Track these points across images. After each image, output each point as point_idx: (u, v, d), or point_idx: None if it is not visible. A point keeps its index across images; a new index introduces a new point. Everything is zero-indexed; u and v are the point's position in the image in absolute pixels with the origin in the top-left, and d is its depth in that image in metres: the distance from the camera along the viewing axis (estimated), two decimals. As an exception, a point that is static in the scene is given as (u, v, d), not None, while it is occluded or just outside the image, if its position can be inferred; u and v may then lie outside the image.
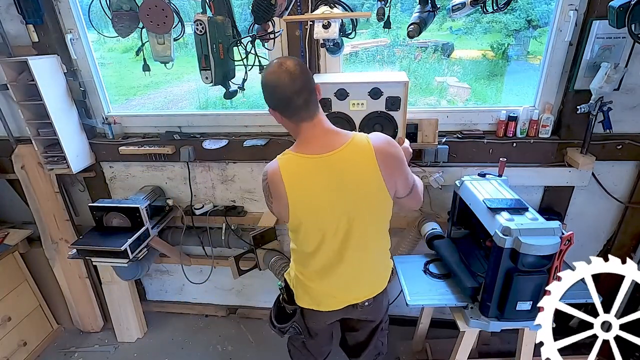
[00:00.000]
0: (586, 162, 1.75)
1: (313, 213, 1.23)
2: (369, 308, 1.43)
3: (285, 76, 1.12)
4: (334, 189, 1.19)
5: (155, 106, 2.52)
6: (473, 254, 1.71)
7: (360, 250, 1.30)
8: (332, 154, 1.18)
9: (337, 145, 1.19)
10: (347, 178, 1.19)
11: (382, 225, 1.35)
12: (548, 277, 1.35)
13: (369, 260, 1.36)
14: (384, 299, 1.51)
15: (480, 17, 2.00)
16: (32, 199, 2.28)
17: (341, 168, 1.18)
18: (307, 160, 1.19)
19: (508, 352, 2.11)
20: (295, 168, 1.21)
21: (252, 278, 2.35)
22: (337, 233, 1.25)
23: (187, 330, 2.61)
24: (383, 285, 1.44)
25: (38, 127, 2.00)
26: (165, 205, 2.26)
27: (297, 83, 1.13)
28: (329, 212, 1.22)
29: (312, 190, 1.21)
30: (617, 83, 1.60)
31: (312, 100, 1.18)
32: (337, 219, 1.23)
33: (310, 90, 1.17)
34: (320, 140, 1.20)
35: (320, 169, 1.19)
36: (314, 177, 1.20)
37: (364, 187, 1.20)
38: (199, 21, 1.43)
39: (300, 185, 1.21)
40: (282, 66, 1.13)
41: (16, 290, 2.36)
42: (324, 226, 1.25)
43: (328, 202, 1.21)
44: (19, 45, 1.98)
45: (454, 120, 1.95)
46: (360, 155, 1.19)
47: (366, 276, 1.38)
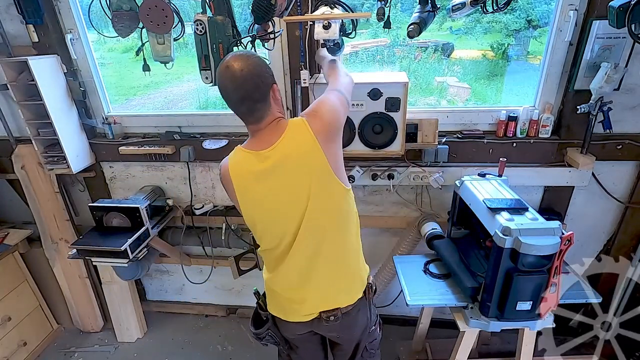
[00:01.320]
0: (586, 162, 1.75)
1: (264, 211, 1.20)
2: (337, 325, 1.29)
3: (228, 83, 1.09)
4: (281, 185, 1.15)
5: (155, 106, 2.52)
6: (473, 254, 1.71)
7: (322, 250, 1.21)
8: (274, 146, 1.13)
9: (278, 136, 1.14)
10: (291, 168, 1.13)
11: (343, 221, 1.23)
12: (548, 277, 1.35)
13: (333, 264, 1.25)
14: (360, 315, 1.34)
15: (480, 17, 2.00)
16: (32, 199, 2.28)
17: (284, 157, 1.13)
18: (254, 156, 1.16)
19: (508, 352, 2.11)
20: (243, 167, 1.18)
21: (252, 278, 2.34)
22: (293, 228, 1.18)
23: (187, 330, 2.61)
24: (351, 299, 1.29)
25: (38, 127, 2.00)
26: (165, 205, 2.26)
27: (239, 91, 1.09)
28: (279, 208, 1.18)
29: (260, 189, 1.17)
30: (617, 83, 1.60)
31: (256, 107, 1.12)
32: (287, 213, 1.17)
33: (254, 99, 1.10)
34: (266, 137, 1.16)
35: (266, 165, 1.14)
36: (261, 175, 1.16)
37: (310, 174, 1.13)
38: (199, 21, 1.43)
39: (248, 185, 1.18)
40: (228, 70, 1.08)
41: (16, 290, 2.36)
42: (278, 222, 1.20)
43: (277, 199, 1.17)
44: (19, 45, 1.98)
45: (454, 120, 1.95)
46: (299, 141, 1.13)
47: (331, 282, 1.26)
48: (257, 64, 1.11)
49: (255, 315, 1.46)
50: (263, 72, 1.12)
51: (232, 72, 1.07)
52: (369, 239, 2.24)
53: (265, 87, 1.12)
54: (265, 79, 1.12)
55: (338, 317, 1.28)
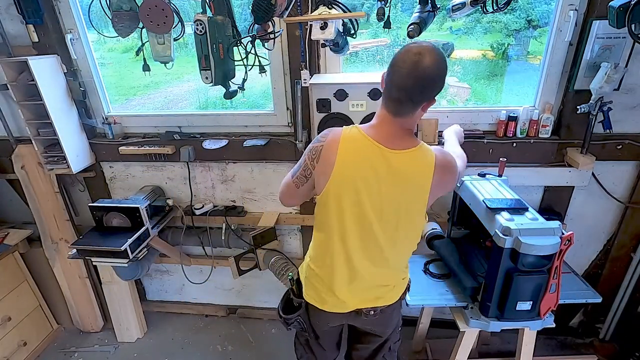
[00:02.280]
0: (586, 162, 1.75)
1: (347, 193, 1.18)
2: (375, 319, 1.37)
3: (407, 66, 1.05)
4: (379, 183, 1.16)
5: (155, 106, 2.52)
6: (473, 254, 1.71)
7: (380, 256, 1.26)
8: (394, 152, 1.15)
9: (402, 146, 1.16)
10: (397, 180, 1.17)
11: (410, 239, 1.31)
12: (548, 277, 1.35)
13: (386, 269, 1.31)
14: (395, 314, 1.42)
15: (480, 17, 2.00)
16: (32, 199, 2.28)
17: (396, 168, 1.16)
18: (370, 144, 1.15)
19: (508, 352, 2.11)
20: (354, 146, 1.16)
21: (252, 278, 2.35)
22: (362, 226, 1.22)
23: (187, 330, 2.61)
24: (394, 298, 1.37)
25: (38, 127, 2.00)
26: (165, 205, 2.26)
27: (408, 81, 1.06)
28: (364, 200, 1.18)
29: (359, 174, 1.16)
30: (617, 83, 1.60)
31: (415, 101, 1.10)
32: (367, 211, 1.19)
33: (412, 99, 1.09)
34: (392, 134, 1.16)
35: (377, 159, 1.15)
36: (368, 163, 1.16)
37: (408, 197, 1.19)
38: (199, 21, 1.43)
39: (351, 165, 1.16)
40: (417, 57, 1.04)
41: (16, 290, 2.36)
42: (351, 211, 1.20)
43: (367, 191, 1.17)
44: (19, 45, 1.98)
45: (454, 120, 1.95)
46: (419, 166, 1.17)
47: (378, 283, 1.33)
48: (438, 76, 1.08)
49: (286, 301, 1.49)
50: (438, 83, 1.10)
51: (420, 60, 1.03)
52: (369, 239, 2.24)
53: (428, 95, 1.11)
54: (436, 88, 1.10)
55: (377, 313, 1.35)
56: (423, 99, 1.11)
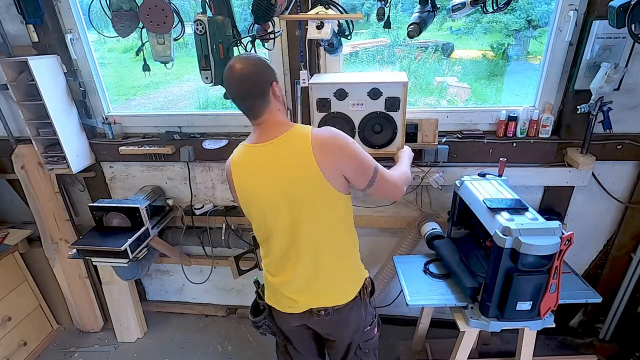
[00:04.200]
0: (586, 162, 1.75)
1: (255, 202, 1.27)
2: (328, 320, 1.33)
3: (231, 81, 1.19)
4: (271, 179, 1.21)
5: (155, 106, 2.52)
6: (473, 254, 1.71)
7: (311, 249, 1.25)
8: (268, 142, 1.20)
9: (276, 134, 1.20)
10: (281, 167, 1.20)
11: (334, 223, 1.26)
12: (548, 277, 1.35)
13: (323, 263, 1.27)
14: (353, 314, 1.35)
15: (480, 17, 2.00)
16: (32, 199, 2.28)
17: (276, 155, 1.20)
18: (250, 149, 1.25)
19: (508, 352, 2.11)
20: (241, 159, 1.27)
21: (252, 278, 2.34)
22: (282, 224, 1.24)
23: (187, 330, 2.61)
24: (345, 297, 1.32)
25: (38, 127, 2.00)
26: (165, 205, 2.26)
27: (240, 88, 1.18)
28: (269, 202, 1.24)
29: (252, 180, 1.25)
30: (617, 83, 1.60)
31: (256, 103, 1.20)
32: (277, 209, 1.23)
33: (254, 95, 1.18)
34: (265, 131, 1.23)
35: (259, 158, 1.22)
36: (254, 167, 1.23)
37: (300, 177, 1.18)
38: (199, 21, 1.43)
39: (244, 176, 1.26)
40: (230, 71, 1.17)
41: (16, 290, 2.36)
42: (268, 216, 1.26)
43: (266, 192, 1.23)
44: (19, 45, 1.98)
45: (454, 120, 1.95)
46: (295, 145, 1.19)
47: (320, 280, 1.29)
48: (256, 64, 1.19)
49: (255, 304, 1.51)
50: (262, 70, 1.20)
51: (233, 72, 1.17)
52: (369, 239, 2.24)
53: (263, 84, 1.19)
54: (263, 76, 1.20)
55: (329, 313, 1.33)
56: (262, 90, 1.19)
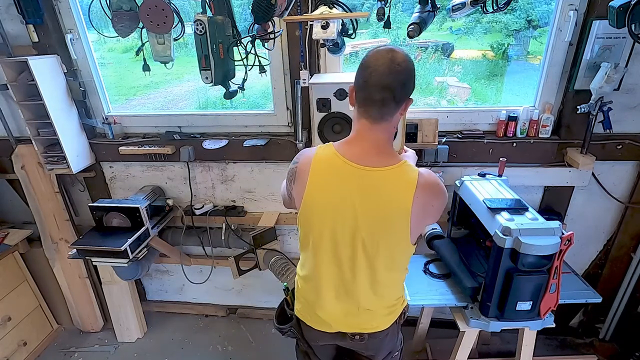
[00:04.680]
0: (586, 162, 1.75)
1: (319, 218, 1.15)
2: (362, 344, 1.29)
3: (382, 62, 1.01)
4: (355, 205, 1.10)
5: (155, 106, 2.52)
6: (473, 254, 1.71)
7: (359, 281, 1.18)
8: (371, 170, 1.08)
9: (381, 163, 1.08)
10: (373, 200, 1.09)
11: (394, 263, 1.20)
12: (548, 277, 1.35)
13: (366, 296, 1.21)
14: (388, 339, 1.32)
15: (480, 17, 2.00)
16: (32, 199, 2.28)
17: (373, 188, 1.09)
18: (343, 164, 1.09)
19: (508, 352, 2.11)
20: (327, 166, 1.12)
21: (252, 278, 2.35)
22: (338, 248, 1.16)
23: (187, 330, 2.61)
24: (381, 326, 1.27)
25: (38, 127, 2.00)
26: (165, 205, 2.26)
27: (389, 78, 1.01)
28: (339, 222, 1.13)
29: (333, 195, 1.11)
30: (617, 83, 1.60)
31: (389, 104, 1.04)
32: (343, 233, 1.14)
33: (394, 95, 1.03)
34: (368, 150, 1.09)
35: (351, 180, 1.09)
36: (341, 184, 1.10)
37: (386, 217, 1.10)
38: (199, 21, 1.43)
39: (324, 186, 1.12)
40: (391, 53, 1.01)
41: (16, 290, 2.36)
42: (324, 236, 1.16)
43: (342, 214, 1.12)
44: (19, 45, 1.98)
45: (454, 120, 1.95)
46: (398, 184, 1.08)
47: (359, 309, 1.23)
48: (414, 69, 1.06)
49: (281, 310, 1.44)
50: (413, 79, 1.07)
51: (394, 56, 1.01)
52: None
53: (408, 91, 1.07)
54: (412, 84, 1.07)
55: (364, 338, 1.27)
56: (404, 96, 1.06)
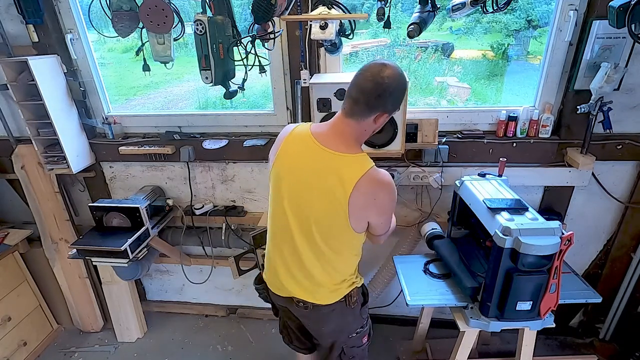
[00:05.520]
0: (586, 162, 1.75)
1: (280, 181, 1.28)
2: (308, 313, 1.37)
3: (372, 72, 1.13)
4: (308, 179, 1.22)
5: (155, 106, 2.52)
6: (473, 254, 1.71)
7: (309, 253, 1.29)
8: (327, 151, 1.20)
9: (340, 149, 1.19)
10: (322, 177, 1.20)
11: (340, 247, 1.29)
12: (548, 277, 1.35)
13: (313, 266, 1.30)
14: (335, 316, 1.38)
15: (480, 17, 2.00)
16: (32, 199, 2.28)
17: (326, 167, 1.19)
18: (310, 141, 1.22)
19: (508, 352, 2.11)
20: (298, 140, 1.26)
21: (252, 278, 2.33)
22: (293, 218, 1.27)
23: (187, 330, 2.61)
24: (329, 300, 1.34)
25: (38, 127, 2.00)
26: (165, 205, 2.26)
27: (369, 84, 1.13)
28: (293, 191, 1.26)
29: (293, 164, 1.26)
30: (617, 83, 1.60)
31: (360, 107, 1.16)
32: (293, 202, 1.26)
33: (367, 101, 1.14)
34: (336, 136, 1.21)
35: (311, 155, 1.21)
36: (302, 157, 1.24)
37: (329, 196, 1.20)
38: (199, 21, 1.43)
39: (289, 155, 1.27)
40: (381, 65, 1.14)
41: (16, 290, 2.36)
42: (282, 200, 1.28)
43: (295, 183, 1.25)
44: (19, 45, 1.98)
45: (454, 120, 1.95)
46: (348, 169, 1.17)
47: (304, 277, 1.33)
48: (398, 87, 1.15)
49: (259, 274, 1.59)
50: (392, 96, 1.16)
51: (383, 70, 1.13)
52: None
53: (382, 104, 1.15)
54: (389, 100, 1.16)
55: (307, 307, 1.36)
56: (377, 106, 1.15)
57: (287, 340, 1.65)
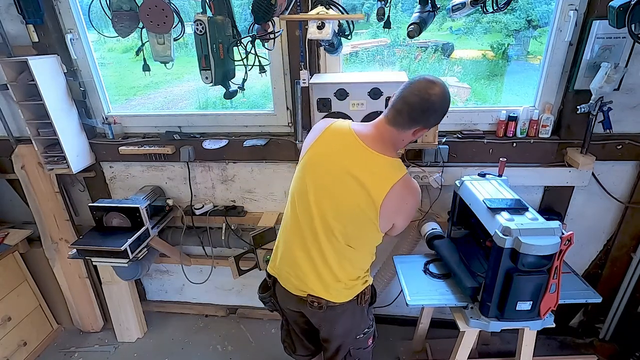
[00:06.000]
0: (586, 162, 1.75)
1: (314, 168, 1.29)
2: (320, 313, 1.36)
3: (420, 87, 1.18)
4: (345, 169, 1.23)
5: (155, 106, 2.52)
6: (473, 254, 1.71)
7: (329, 248, 1.29)
8: (369, 149, 1.22)
9: (380, 151, 1.23)
10: (360, 173, 1.22)
11: (360, 244, 1.32)
12: (548, 277, 1.35)
13: (332, 263, 1.31)
14: (346, 317, 1.39)
15: (480, 17, 2.00)
16: (32, 199, 2.28)
17: (362, 165, 1.22)
18: (351, 136, 1.24)
19: (508, 352, 2.11)
20: (338, 132, 1.28)
21: (252, 278, 2.34)
22: (317, 211, 1.28)
23: (187, 330, 2.61)
24: (343, 298, 1.35)
25: (38, 127, 2.00)
26: (165, 205, 2.26)
27: (415, 98, 1.18)
28: (325, 179, 1.26)
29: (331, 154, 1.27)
30: (617, 83, 1.60)
31: (405, 119, 1.20)
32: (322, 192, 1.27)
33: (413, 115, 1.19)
34: (377, 138, 1.24)
35: (352, 149, 1.23)
36: (342, 149, 1.25)
37: (362, 193, 1.22)
38: (199, 21, 1.43)
39: (328, 144, 1.28)
40: (431, 84, 1.18)
41: (16, 290, 2.36)
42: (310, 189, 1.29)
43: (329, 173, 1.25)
44: (19, 45, 1.98)
45: (454, 120, 1.95)
46: (385, 170, 1.22)
47: (318, 274, 1.33)
48: (442, 107, 1.21)
49: (264, 281, 1.56)
50: (436, 113, 1.22)
51: (431, 87, 1.18)
52: (369, 239, 2.24)
53: (423, 121, 1.21)
54: (432, 117, 1.22)
55: (322, 306, 1.35)
56: (420, 120, 1.21)
57: (290, 350, 1.65)
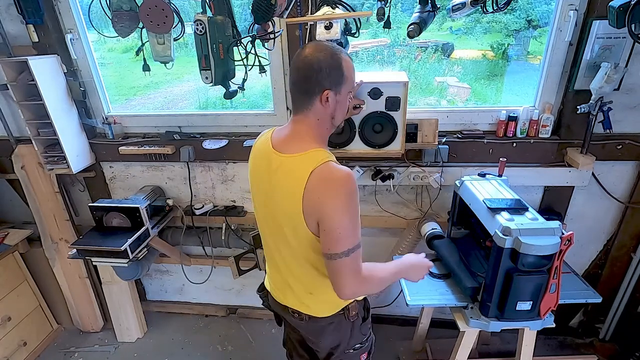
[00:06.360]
0: (586, 162, 1.75)
1: (253, 193, 1.29)
2: (305, 325, 1.31)
3: (294, 61, 1.13)
4: (266, 189, 1.19)
5: (155, 106, 2.52)
6: (473, 254, 1.71)
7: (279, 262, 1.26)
8: (280, 155, 1.13)
9: (292, 150, 1.12)
10: (276, 185, 1.14)
11: (300, 251, 1.18)
12: (548, 277, 1.35)
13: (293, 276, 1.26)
14: (330, 329, 1.31)
15: (480, 17, 2.00)
16: (32, 199, 2.28)
17: (276, 172, 1.14)
18: (266, 148, 1.18)
19: (508, 352, 2.11)
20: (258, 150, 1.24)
21: (252, 278, 2.35)
22: (264, 227, 1.28)
23: (187, 330, 2.61)
24: (321, 314, 1.28)
25: (38, 127, 2.00)
26: (165, 205, 2.26)
27: (294, 73, 1.12)
28: (260, 203, 1.26)
29: (256, 176, 1.24)
30: (617, 83, 1.60)
31: (299, 97, 1.12)
32: (264, 213, 1.25)
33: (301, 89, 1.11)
34: (289, 137, 1.16)
35: (266, 162, 1.17)
36: (260, 167, 1.21)
37: (285, 205, 1.12)
38: (199, 21, 1.43)
39: (252, 168, 1.26)
40: (300, 51, 1.11)
41: (16, 290, 2.36)
42: (258, 213, 1.29)
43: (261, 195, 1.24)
44: (19, 45, 1.98)
45: (454, 120, 1.95)
46: (297, 170, 1.08)
47: (290, 288, 1.28)
48: (323, 60, 1.07)
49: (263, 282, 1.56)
50: (322, 70, 1.07)
51: (300, 53, 1.11)
52: (368, 239, 2.24)
53: (315, 83, 1.08)
54: (319, 78, 1.07)
55: (303, 318, 1.30)
56: (312, 87, 1.08)
57: (287, 355, 1.63)
